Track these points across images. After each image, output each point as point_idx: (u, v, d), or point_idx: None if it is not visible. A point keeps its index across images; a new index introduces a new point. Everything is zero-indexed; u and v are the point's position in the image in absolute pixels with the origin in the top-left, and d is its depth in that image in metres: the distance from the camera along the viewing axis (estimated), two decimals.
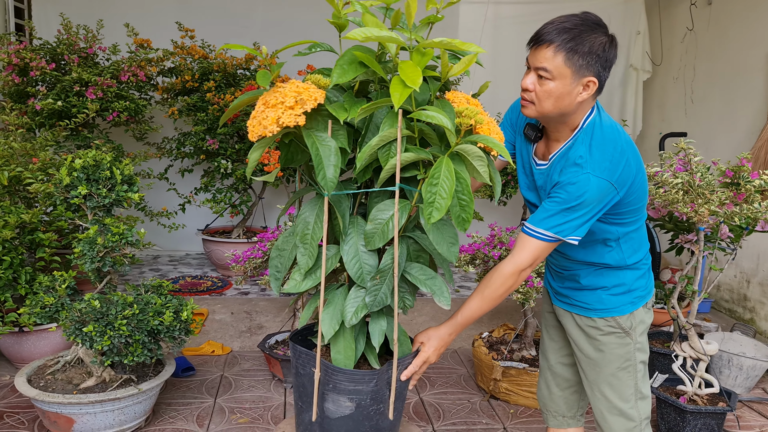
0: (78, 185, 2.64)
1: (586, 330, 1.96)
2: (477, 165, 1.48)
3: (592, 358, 1.97)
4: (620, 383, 1.95)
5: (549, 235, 1.71)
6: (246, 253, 3.41)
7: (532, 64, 1.67)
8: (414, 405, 3.25)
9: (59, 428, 2.67)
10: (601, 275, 1.92)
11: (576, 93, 1.66)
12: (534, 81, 1.68)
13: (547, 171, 1.81)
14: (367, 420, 1.68)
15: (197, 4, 5.42)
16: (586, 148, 1.71)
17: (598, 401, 1.99)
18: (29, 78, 4.16)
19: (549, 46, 1.62)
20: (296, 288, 1.63)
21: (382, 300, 1.61)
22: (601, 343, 1.94)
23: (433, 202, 1.43)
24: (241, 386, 3.41)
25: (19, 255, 3.16)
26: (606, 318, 1.93)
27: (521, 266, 1.74)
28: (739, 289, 4.57)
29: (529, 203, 1.98)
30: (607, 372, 1.95)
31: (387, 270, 1.59)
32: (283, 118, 1.42)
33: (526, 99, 1.71)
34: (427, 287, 1.63)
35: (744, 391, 3.50)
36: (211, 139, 4.66)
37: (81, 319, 2.57)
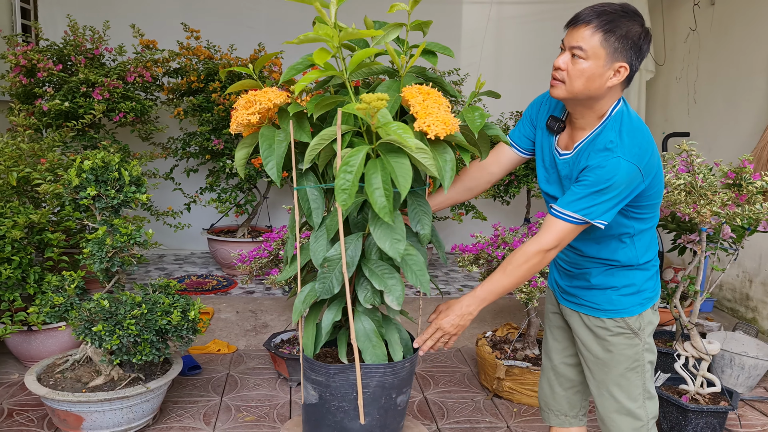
0: (87, 186, 2.67)
1: (595, 330, 1.97)
2: (420, 158, 1.52)
3: (600, 359, 1.98)
4: (629, 383, 1.96)
5: (576, 217, 1.72)
6: (252, 253, 3.44)
7: (568, 43, 1.70)
8: (418, 403, 3.28)
9: (69, 426, 2.71)
10: (612, 275, 1.93)
11: (607, 77, 1.69)
12: (567, 60, 1.70)
13: (573, 159, 1.82)
14: (330, 414, 1.74)
15: (202, 5, 5.45)
16: (616, 133, 1.73)
17: (606, 401, 2.00)
18: (36, 79, 4.19)
19: (587, 26, 1.66)
20: (285, 276, 1.79)
21: (329, 288, 1.68)
22: (610, 343, 1.95)
23: (347, 188, 1.49)
24: (247, 384, 3.44)
25: (28, 255, 3.19)
26: (615, 319, 1.94)
27: (546, 246, 1.75)
28: (742, 288, 4.59)
29: (549, 197, 1.98)
30: (616, 372, 1.96)
31: (335, 259, 1.68)
32: (239, 118, 1.64)
33: (557, 78, 1.73)
34: (382, 283, 1.67)
35: (746, 390, 3.52)
36: (216, 139, 4.69)
37: (90, 319, 2.60)
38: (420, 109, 1.55)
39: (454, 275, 5.38)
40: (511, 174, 4.87)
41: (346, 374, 1.70)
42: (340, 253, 1.66)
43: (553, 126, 1.89)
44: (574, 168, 1.80)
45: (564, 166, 1.86)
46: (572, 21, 1.70)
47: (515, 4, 5.88)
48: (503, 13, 5.87)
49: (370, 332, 1.75)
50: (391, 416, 1.82)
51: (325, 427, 1.76)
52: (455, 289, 4.87)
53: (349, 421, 1.74)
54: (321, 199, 1.74)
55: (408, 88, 1.62)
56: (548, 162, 1.93)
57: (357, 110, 1.49)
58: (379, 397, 1.75)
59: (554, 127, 1.89)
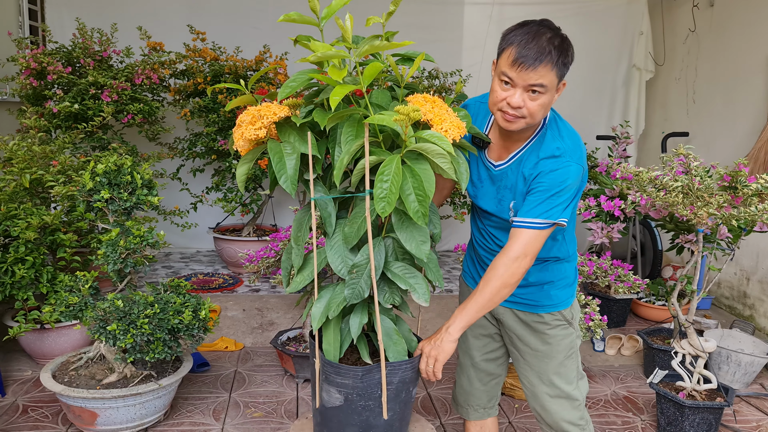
0: (101, 189, 2.75)
1: (533, 326, 2.04)
2: (439, 162, 1.58)
3: (540, 351, 2.05)
4: (567, 370, 2.06)
5: (539, 222, 1.77)
6: (259, 253, 3.51)
7: (524, 81, 1.70)
8: (422, 400, 3.36)
9: (83, 422, 2.79)
10: (547, 270, 2.00)
11: (555, 97, 1.78)
12: (524, 97, 1.72)
13: (514, 168, 1.87)
14: (356, 414, 1.79)
15: (208, 7, 5.51)
16: (560, 140, 1.82)
17: (545, 389, 2.07)
18: (46, 81, 4.26)
19: (547, 65, 1.68)
20: (296, 287, 1.81)
21: (359, 293, 1.73)
22: (549, 336, 2.03)
23: (385, 197, 1.54)
24: (254, 381, 3.52)
25: (41, 255, 3.27)
26: (553, 313, 2.03)
27: (514, 255, 1.77)
28: (739, 286, 4.67)
29: (480, 210, 2.03)
30: (556, 362, 2.05)
31: (362, 265, 1.72)
32: (246, 133, 1.63)
33: (515, 115, 1.75)
34: (407, 284, 1.73)
35: (742, 387, 3.60)
36: (222, 139, 4.76)
37: (105, 318, 2.68)
38: (434, 116, 1.60)
39: (457, 273, 5.45)
40: None
41: (373, 374, 1.77)
42: (366, 260, 1.71)
43: (479, 144, 1.96)
44: (518, 176, 1.86)
45: (501, 176, 1.91)
46: (524, 60, 1.68)
47: (516, 6, 5.93)
48: (505, 15, 5.93)
49: (391, 331, 1.82)
50: (408, 408, 1.91)
51: (350, 427, 1.81)
52: (456, 286, 4.94)
53: (374, 418, 1.80)
54: (334, 208, 1.79)
55: (414, 97, 1.68)
56: (482, 175, 1.97)
57: (395, 121, 1.54)
58: (400, 391, 1.83)
59: (481, 144, 1.96)
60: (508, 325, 2.11)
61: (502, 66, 1.73)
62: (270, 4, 5.65)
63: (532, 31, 1.71)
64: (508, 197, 1.89)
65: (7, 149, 3.35)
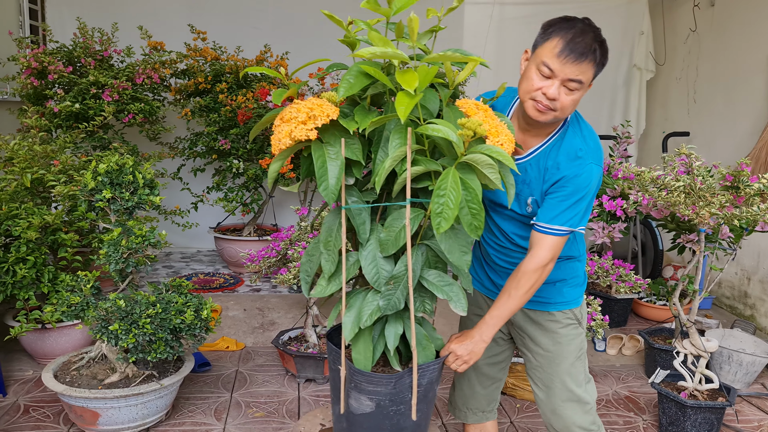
0: (102, 189, 2.74)
1: (545, 324, 2.04)
2: (487, 173, 1.55)
3: (551, 352, 2.04)
4: (577, 371, 2.05)
5: (563, 229, 1.79)
6: (261, 253, 3.51)
7: (565, 75, 1.70)
8: None
9: (85, 422, 2.79)
10: (560, 268, 1.99)
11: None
12: (560, 90, 1.72)
13: (532, 164, 1.86)
14: (387, 419, 1.78)
15: (208, 6, 5.51)
16: (582, 139, 1.81)
17: (557, 392, 2.05)
18: (47, 81, 4.26)
19: (590, 62, 1.69)
20: (322, 292, 1.73)
21: (395, 304, 1.69)
22: (560, 335, 2.03)
23: (441, 212, 1.50)
24: (255, 381, 3.52)
25: (42, 255, 3.27)
26: (564, 311, 2.02)
27: (543, 263, 1.80)
28: (740, 286, 4.67)
29: (493, 204, 1.99)
30: (567, 364, 2.04)
31: (400, 276, 1.68)
32: (295, 132, 1.52)
33: (548, 107, 1.74)
34: (444, 293, 1.71)
35: (743, 387, 3.60)
36: (223, 139, 4.76)
37: (107, 318, 2.68)
38: (490, 128, 1.55)
39: None
40: None
41: (404, 379, 1.75)
42: (404, 271, 1.66)
43: None
44: (538, 172, 1.85)
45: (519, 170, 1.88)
46: (574, 53, 1.68)
47: (517, 5, 5.92)
48: (505, 14, 5.92)
49: (421, 337, 1.79)
50: (432, 405, 1.92)
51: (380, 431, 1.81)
52: None
53: (404, 421, 1.79)
54: (368, 215, 1.72)
55: (465, 103, 1.60)
56: None
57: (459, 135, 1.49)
58: (428, 391, 1.83)
59: None
60: (519, 325, 2.10)
61: (544, 56, 1.71)
62: (270, 4, 5.65)
63: (579, 27, 1.70)
64: (525, 192, 1.88)
65: (9, 149, 3.34)
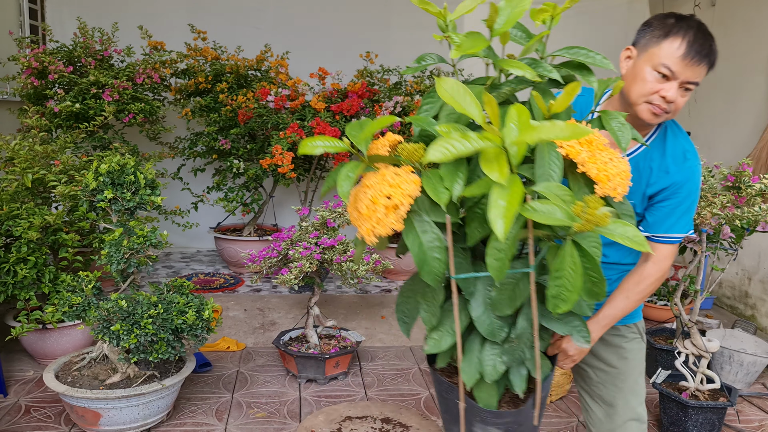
0: (104, 189, 2.74)
1: (609, 339, 1.94)
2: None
3: (616, 368, 1.95)
4: (640, 388, 1.97)
5: (681, 236, 1.75)
6: (262, 253, 3.51)
7: (686, 77, 1.62)
8: (425, 400, 3.36)
9: (86, 422, 2.78)
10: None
11: None
12: (677, 93, 1.64)
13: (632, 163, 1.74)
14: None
15: (208, 6, 5.51)
16: (684, 139, 1.77)
17: (619, 411, 1.95)
18: (47, 81, 4.25)
19: (707, 65, 1.64)
20: (437, 348, 1.50)
21: (520, 357, 1.51)
22: (626, 350, 1.93)
23: (559, 295, 1.28)
24: (256, 381, 3.52)
25: (43, 255, 3.26)
26: (629, 324, 1.94)
27: (664, 271, 1.76)
28: (741, 286, 4.67)
29: None
30: (632, 380, 1.95)
31: (524, 335, 1.48)
32: (378, 229, 1.24)
33: (665, 110, 1.66)
34: (567, 329, 1.53)
35: (744, 387, 3.61)
36: (223, 138, 4.76)
37: (108, 318, 2.67)
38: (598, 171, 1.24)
39: None
40: None
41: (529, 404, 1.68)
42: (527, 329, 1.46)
43: None
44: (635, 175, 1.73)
45: None
46: (695, 55, 1.60)
47: None
48: None
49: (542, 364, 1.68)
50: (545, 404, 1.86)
51: None
52: None
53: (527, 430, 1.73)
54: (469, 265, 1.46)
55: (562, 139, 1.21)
56: None
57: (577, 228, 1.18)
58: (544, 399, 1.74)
59: None
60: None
61: (664, 57, 1.61)
62: (270, 4, 5.64)
63: (697, 27, 1.63)
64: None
65: (9, 149, 3.34)
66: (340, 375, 3.58)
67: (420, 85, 4.85)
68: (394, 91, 4.90)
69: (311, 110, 4.45)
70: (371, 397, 3.36)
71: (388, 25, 5.82)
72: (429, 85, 4.90)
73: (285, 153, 3.99)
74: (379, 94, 4.81)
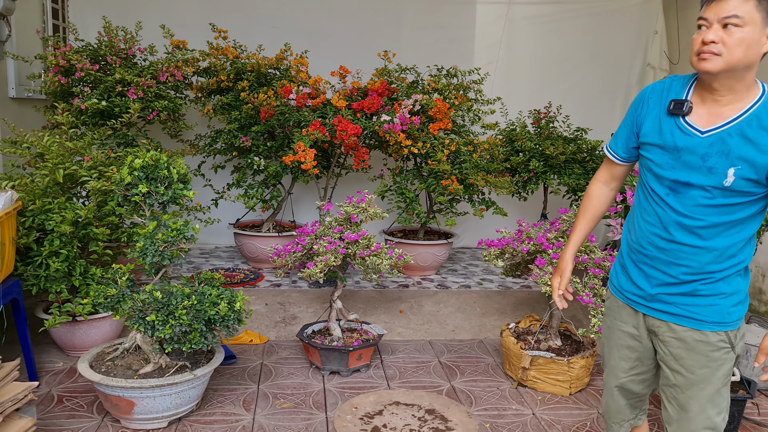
0: (138, 184, 2.81)
1: (693, 345, 1.85)
2: None
3: (696, 375, 1.86)
4: (721, 399, 1.89)
5: None
6: (287, 247, 3.58)
7: (717, 15, 1.65)
8: (446, 392, 3.42)
9: (120, 411, 2.86)
10: (722, 280, 1.83)
11: (763, 42, 1.68)
12: (720, 33, 1.65)
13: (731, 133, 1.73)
14: None
15: (227, 6, 5.58)
16: None
17: (692, 417, 1.89)
18: (74, 78, 4.33)
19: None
20: None
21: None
22: (709, 359, 1.84)
23: None
24: (281, 373, 3.59)
25: (74, 249, 3.34)
26: (719, 332, 1.83)
27: None
28: (755, 283, 4.72)
29: (678, 183, 1.81)
30: (712, 390, 1.86)
31: None
32: None
33: (711, 52, 1.66)
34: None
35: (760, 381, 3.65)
36: (243, 136, 4.83)
37: (143, 309, 2.75)
38: None
39: (473, 269, 5.51)
40: (529, 171, 4.99)
41: None
42: None
43: (681, 108, 1.79)
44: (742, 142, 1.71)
45: (712, 143, 1.74)
46: None
47: (530, 5, 5.99)
48: (518, 14, 5.99)
49: None
50: None
51: None
52: (475, 283, 5.00)
53: None
54: None
55: None
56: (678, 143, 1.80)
57: None
58: None
59: (682, 108, 1.79)
60: (664, 340, 1.92)
61: (699, 16, 1.71)
62: (288, 4, 5.71)
63: None
64: (721, 164, 1.72)
65: (41, 145, 3.42)
66: (362, 367, 3.65)
67: (437, 84, 4.91)
68: (411, 89, 4.97)
69: (333, 108, 4.52)
70: (394, 389, 3.43)
71: (401, 26, 5.89)
72: (446, 83, 4.96)
73: (308, 150, 4.06)
74: (397, 93, 4.88)
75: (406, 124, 4.39)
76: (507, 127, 5.35)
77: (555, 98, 5.48)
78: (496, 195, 4.86)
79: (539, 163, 4.89)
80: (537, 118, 5.39)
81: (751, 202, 1.76)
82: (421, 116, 4.69)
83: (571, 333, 3.77)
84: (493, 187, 4.56)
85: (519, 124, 5.32)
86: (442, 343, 4.16)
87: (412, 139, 4.57)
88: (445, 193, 4.60)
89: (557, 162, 4.92)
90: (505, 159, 5.00)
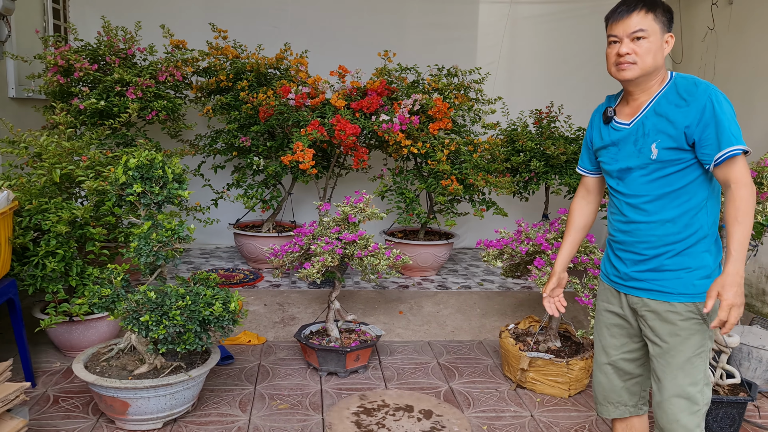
0: (133, 183, 2.80)
1: (665, 315, 2.02)
2: None
3: (667, 343, 2.02)
4: (693, 369, 2.01)
5: (743, 147, 1.87)
6: (284, 248, 3.56)
7: (625, 31, 1.95)
8: (445, 393, 3.40)
9: (115, 411, 2.84)
10: (687, 255, 1.99)
11: (663, 47, 1.99)
12: (631, 46, 1.95)
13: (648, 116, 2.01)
14: None
15: (227, 6, 5.57)
16: (693, 77, 1.99)
17: (668, 385, 2.03)
18: (72, 78, 4.32)
19: (640, 11, 1.94)
20: None
21: None
22: (678, 328, 2.00)
23: None
24: (278, 374, 3.57)
25: (71, 248, 3.33)
26: (686, 303, 2.00)
27: (748, 181, 1.86)
28: (758, 284, 4.67)
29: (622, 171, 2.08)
30: (682, 358, 2.00)
31: None
32: None
33: (627, 62, 1.96)
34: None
35: (763, 383, 3.62)
36: (243, 136, 4.82)
37: (137, 309, 2.73)
38: None
39: (474, 270, 5.49)
40: (530, 171, 4.96)
41: None
42: None
43: (609, 115, 2.14)
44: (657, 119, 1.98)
45: (636, 129, 2.04)
46: (619, 12, 1.96)
47: (532, 4, 5.96)
48: (520, 13, 5.96)
49: None
50: None
51: None
52: (475, 283, 4.98)
53: None
54: None
55: None
56: (613, 138, 2.11)
57: None
58: None
59: (610, 115, 2.14)
60: (642, 315, 2.10)
61: (607, 33, 2.01)
62: (289, 3, 5.70)
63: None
64: (647, 142, 2.00)
65: (38, 144, 3.41)
66: (360, 368, 3.63)
67: (438, 83, 4.89)
68: (411, 89, 4.94)
69: (331, 108, 4.50)
70: (391, 390, 3.40)
71: (403, 25, 5.87)
72: (446, 83, 4.94)
73: (306, 150, 4.04)
74: (397, 92, 4.85)
75: (405, 124, 4.37)
76: (508, 126, 5.32)
77: (557, 98, 5.44)
78: (497, 195, 4.84)
79: (540, 163, 4.86)
80: (538, 117, 5.36)
81: (684, 170, 1.97)
82: (421, 116, 4.66)
83: (571, 334, 3.74)
84: (493, 187, 4.53)
85: (520, 124, 5.29)
86: (442, 344, 4.13)
87: (411, 139, 4.54)
88: (445, 193, 4.57)
89: (558, 162, 4.89)
90: (506, 159, 4.97)
